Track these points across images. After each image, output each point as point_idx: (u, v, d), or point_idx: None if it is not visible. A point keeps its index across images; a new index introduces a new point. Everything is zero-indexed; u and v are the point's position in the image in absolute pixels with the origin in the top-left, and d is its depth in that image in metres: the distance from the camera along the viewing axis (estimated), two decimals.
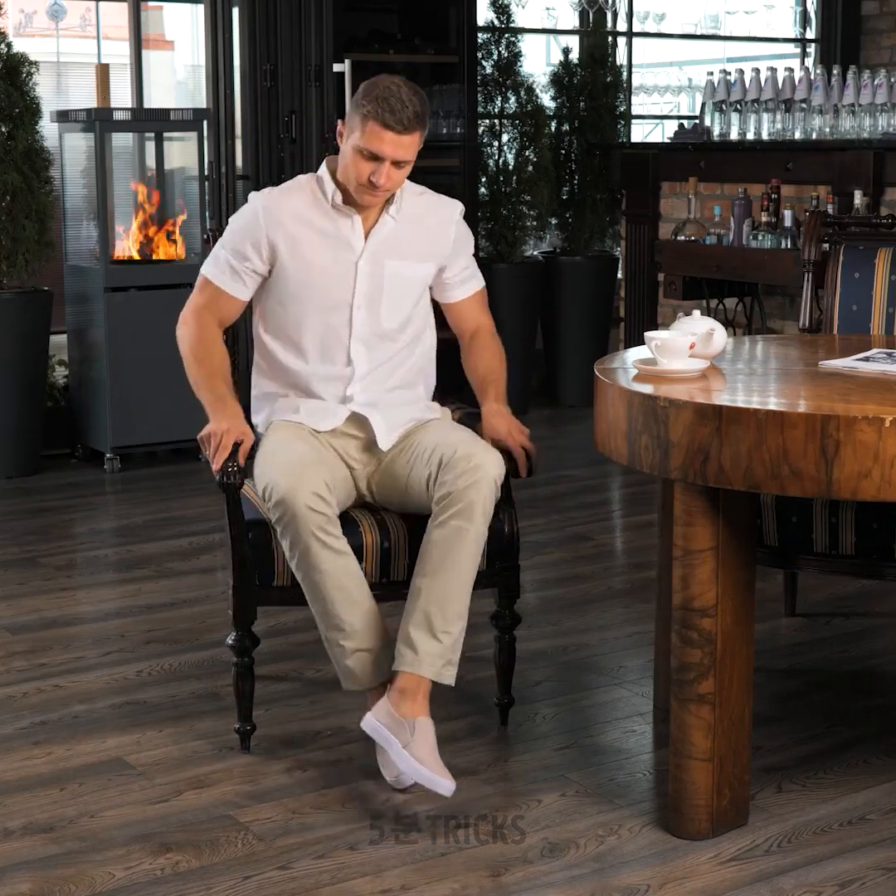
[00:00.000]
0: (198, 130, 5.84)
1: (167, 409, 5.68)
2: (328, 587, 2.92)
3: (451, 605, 2.92)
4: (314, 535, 2.89)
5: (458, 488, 2.92)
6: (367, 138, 2.99)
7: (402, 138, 3.01)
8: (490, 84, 6.80)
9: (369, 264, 3.13)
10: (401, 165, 3.03)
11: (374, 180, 3.01)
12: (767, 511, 3.06)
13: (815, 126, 5.86)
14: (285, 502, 2.89)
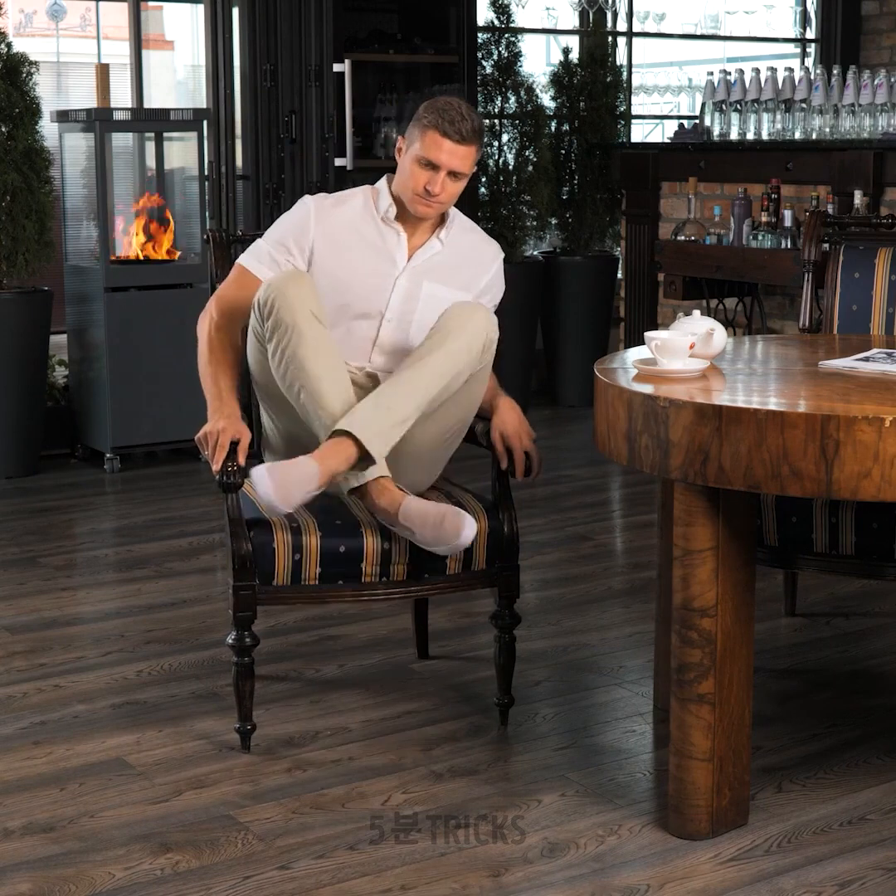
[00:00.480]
0: (198, 130, 5.84)
1: (167, 409, 5.68)
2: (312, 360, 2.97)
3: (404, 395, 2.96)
4: (303, 312, 2.95)
5: (451, 315, 3.00)
6: (426, 147, 3.09)
7: (459, 148, 3.09)
8: (490, 84, 6.80)
9: (408, 281, 3.20)
10: (456, 177, 3.12)
11: (429, 188, 3.10)
12: (767, 511, 3.06)
13: (815, 126, 5.86)
14: (273, 287, 2.97)
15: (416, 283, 3.20)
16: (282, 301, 2.96)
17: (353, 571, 3.06)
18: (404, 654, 3.71)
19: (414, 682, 3.52)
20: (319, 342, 2.98)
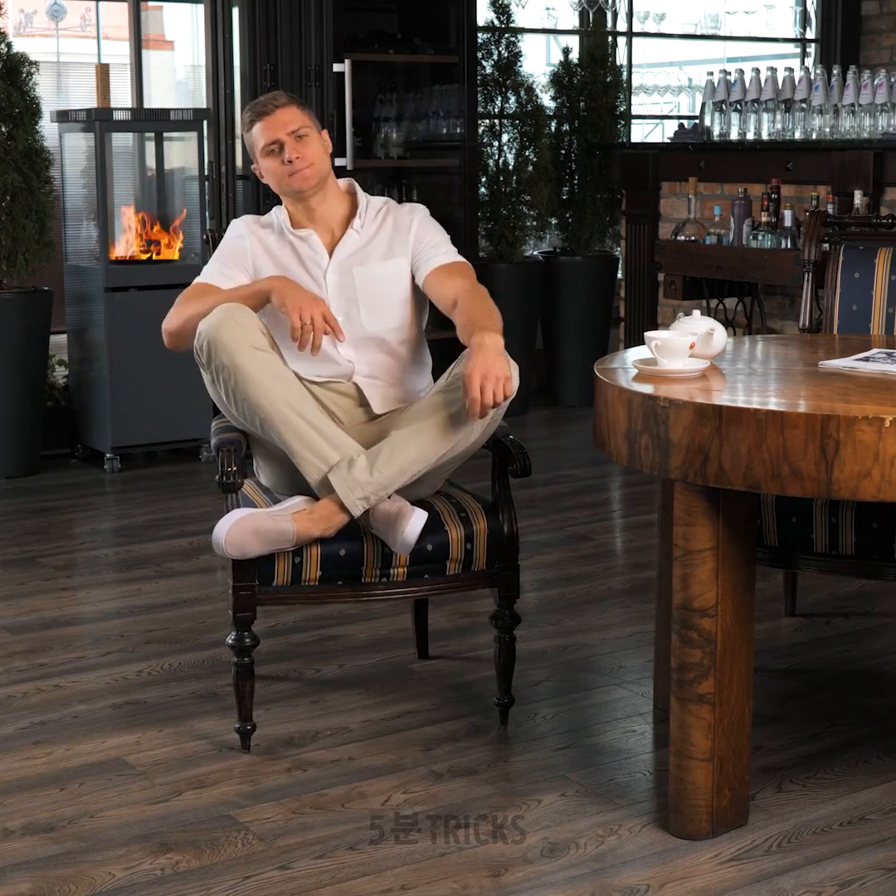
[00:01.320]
0: (198, 130, 5.84)
1: (167, 409, 5.68)
2: (266, 387, 2.97)
3: (400, 455, 2.96)
4: (242, 346, 2.95)
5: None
6: (259, 138, 3.21)
7: (277, 115, 3.19)
8: (490, 84, 6.80)
9: (337, 275, 3.23)
10: (299, 136, 3.18)
11: (287, 159, 3.17)
12: (767, 511, 3.06)
13: (815, 126, 5.86)
14: (207, 332, 2.98)
15: (345, 274, 3.22)
16: (216, 345, 2.98)
17: (353, 574, 3.05)
18: (404, 654, 3.71)
19: (414, 682, 3.52)
20: (265, 374, 2.99)
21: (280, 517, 2.94)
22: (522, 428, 6.42)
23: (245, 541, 2.91)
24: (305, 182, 3.20)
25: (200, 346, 3.01)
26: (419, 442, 2.98)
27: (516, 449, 3.15)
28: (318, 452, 2.99)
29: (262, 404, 2.99)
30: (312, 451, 3.00)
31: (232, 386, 2.99)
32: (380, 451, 2.98)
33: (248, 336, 2.99)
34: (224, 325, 2.98)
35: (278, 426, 2.99)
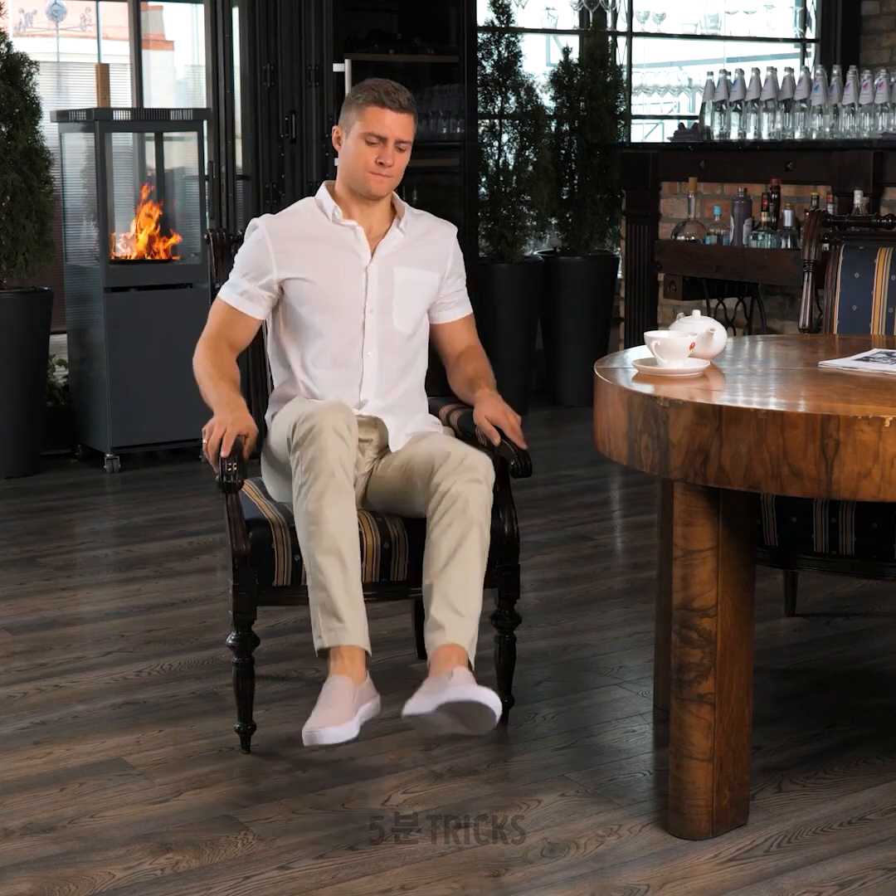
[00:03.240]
0: (198, 130, 5.84)
1: (167, 409, 5.68)
2: (330, 519, 2.89)
3: (464, 591, 2.91)
4: (332, 467, 2.89)
5: (452, 489, 2.94)
6: (369, 123, 3.16)
7: (400, 117, 3.19)
8: (490, 84, 6.80)
9: (379, 271, 3.23)
10: (401, 148, 3.20)
11: (382, 161, 3.16)
12: (767, 511, 3.06)
13: (815, 126, 5.86)
14: (314, 418, 2.92)
15: (387, 269, 3.23)
16: (318, 452, 2.90)
17: None
18: (404, 654, 3.71)
19: (414, 682, 3.51)
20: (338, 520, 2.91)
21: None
22: (522, 428, 6.40)
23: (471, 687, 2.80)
24: (381, 188, 3.20)
25: (306, 418, 2.94)
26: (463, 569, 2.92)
27: (517, 449, 3.15)
28: (332, 615, 2.91)
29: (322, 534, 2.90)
30: (327, 613, 2.92)
31: (306, 489, 2.91)
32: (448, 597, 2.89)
33: (345, 456, 2.93)
34: (331, 439, 2.91)
35: (320, 567, 2.91)
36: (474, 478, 2.96)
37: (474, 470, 2.96)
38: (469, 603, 2.90)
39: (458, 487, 2.94)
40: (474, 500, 2.94)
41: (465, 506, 2.93)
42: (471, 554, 2.92)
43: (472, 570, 2.92)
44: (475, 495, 2.94)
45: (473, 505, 2.94)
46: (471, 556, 2.92)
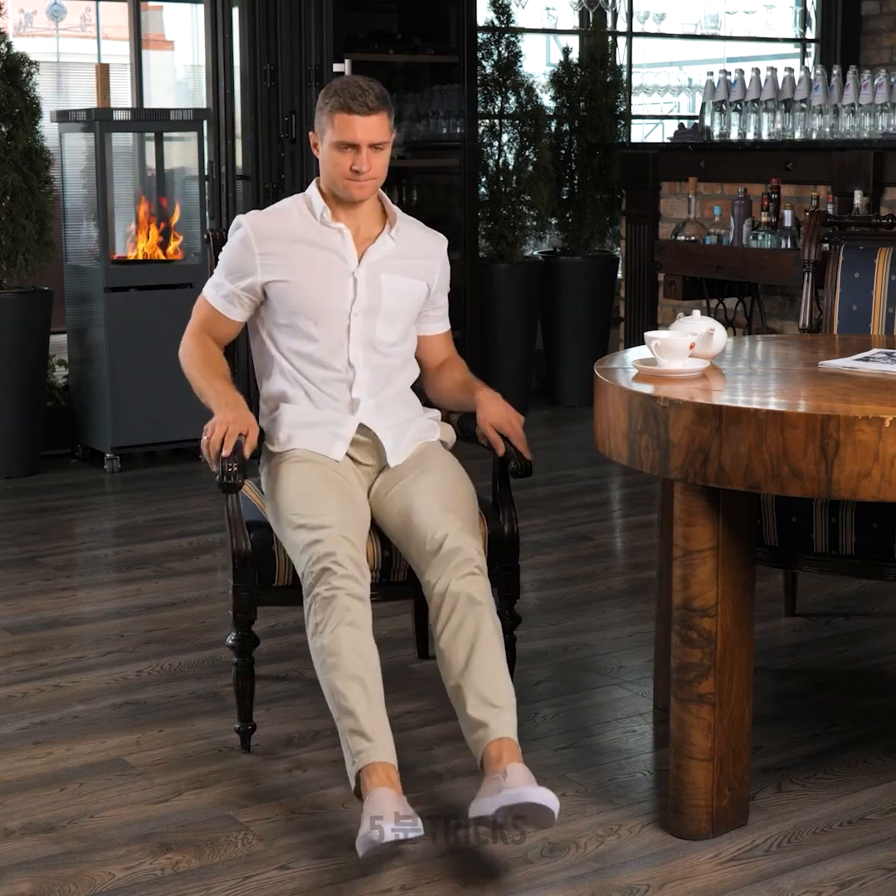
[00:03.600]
0: (198, 130, 5.84)
1: (167, 409, 5.68)
2: (347, 654, 2.81)
3: (495, 682, 2.81)
4: (345, 608, 2.81)
5: (451, 588, 2.85)
6: (338, 131, 3.06)
7: (369, 119, 3.05)
8: (490, 84, 6.80)
9: (367, 276, 3.17)
10: (378, 149, 3.08)
11: (357, 168, 3.06)
12: (767, 511, 3.06)
13: (815, 126, 5.86)
14: (326, 558, 2.83)
15: (375, 276, 3.17)
16: (330, 594, 2.83)
17: None
18: (404, 654, 3.71)
19: (414, 682, 3.52)
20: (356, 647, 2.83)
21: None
22: (523, 428, 6.41)
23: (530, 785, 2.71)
24: (362, 193, 3.12)
25: (315, 574, 2.87)
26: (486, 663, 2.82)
27: (517, 449, 3.15)
28: (361, 736, 2.76)
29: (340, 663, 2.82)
30: (356, 736, 2.76)
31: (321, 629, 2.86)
32: (480, 693, 2.77)
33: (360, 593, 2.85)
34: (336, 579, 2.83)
35: (343, 694, 2.80)
36: (468, 572, 2.87)
37: (468, 563, 2.87)
38: (502, 693, 2.79)
39: (455, 586, 2.85)
40: (475, 591, 2.85)
41: (467, 600, 2.84)
42: (489, 642, 2.82)
43: (494, 658, 2.82)
44: (474, 587, 2.86)
45: (476, 596, 2.85)
46: (491, 645, 2.83)
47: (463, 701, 2.78)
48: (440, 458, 3.16)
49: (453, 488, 3.07)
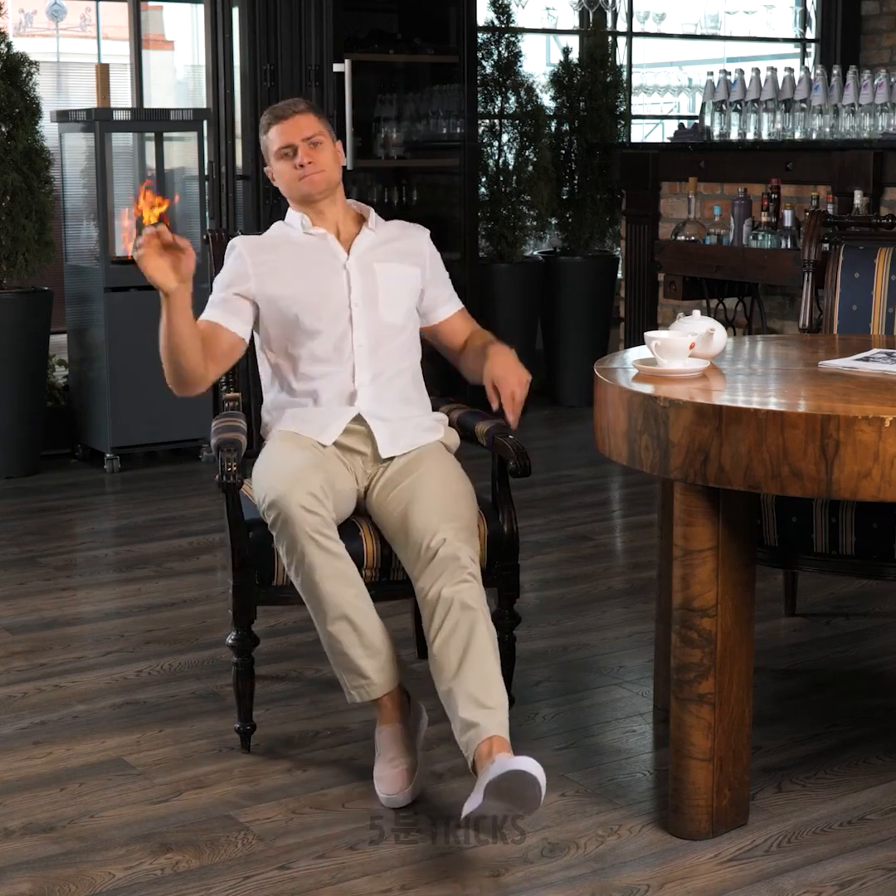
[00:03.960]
0: (198, 130, 5.84)
1: (167, 409, 5.67)
2: (327, 590, 2.90)
3: (486, 684, 2.80)
4: (310, 537, 2.88)
5: (443, 594, 2.85)
6: (274, 141, 3.26)
7: (296, 120, 3.24)
8: (490, 84, 6.80)
9: (358, 266, 3.25)
10: (314, 143, 3.23)
11: (298, 163, 3.22)
12: (767, 511, 3.06)
13: (815, 126, 5.86)
14: (279, 504, 2.90)
15: (367, 265, 3.25)
16: (290, 537, 2.89)
17: None
18: (404, 654, 3.69)
19: (414, 682, 3.52)
20: (332, 576, 2.90)
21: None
22: (522, 428, 6.36)
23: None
24: (314, 186, 3.23)
25: (269, 506, 2.92)
26: (479, 667, 2.82)
27: (516, 449, 3.15)
28: (355, 674, 2.93)
29: (323, 593, 2.90)
30: (350, 672, 2.93)
31: (294, 564, 2.92)
32: (472, 694, 2.79)
33: (313, 515, 2.90)
34: (293, 496, 2.88)
35: (332, 635, 2.92)
36: (461, 579, 2.86)
37: (461, 570, 2.87)
38: (493, 694, 2.78)
39: (448, 592, 2.85)
40: (468, 597, 2.85)
41: (460, 606, 2.83)
42: (482, 646, 2.82)
43: (487, 661, 2.82)
44: (467, 593, 2.85)
45: (469, 601, 2.84)
46: (484, 648, 2.82)
47: (455, 704, 2.79)
48: (441, 459, 3.16)
49: (453, 492, 3.06)
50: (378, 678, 2.94)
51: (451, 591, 2.85)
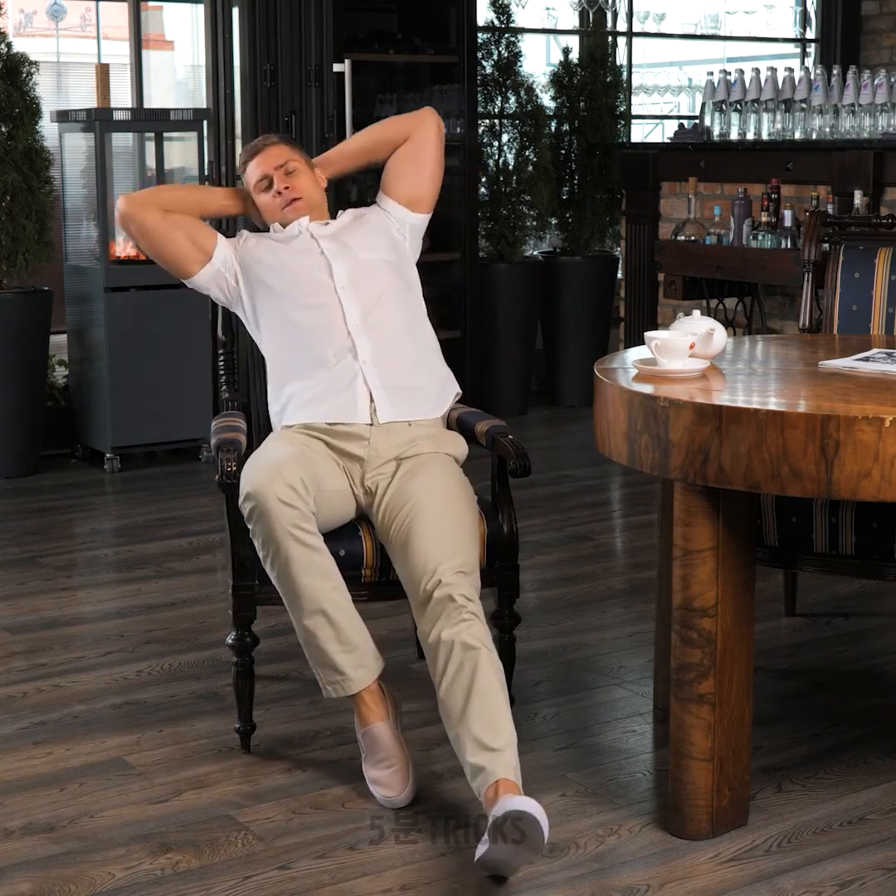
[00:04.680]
0: (198, 130, 5.84)
1: (167, 409, 5.68)
2: (304, 583, 2.89)
3: (491, 725, 2.76)
4: (286, 530, 2.88)
5: (443, 636, 2.83)
6: (252, 176, 3.36)
7: (269, 151, 3.34)
8: (490, 84, 6.80)
9: (334, 250, 3.29)
10: (289, 171, 3.32)
11: (276, 191, 3.31)
12: (767, 511, 3.06)
13: (815, 126, 5.86)
14: (255, 496, 2.89)
15: (342, 245, 3.29)
16: (267, 529, 2.90)
17: (353, 574, 3.04)
18: (404, 654, 3.71)
19: (414, 682, 3.52)
20: (308, 572, 2.91)
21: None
22: (522, 428, 6.42)
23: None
24: (297, 214, 3.31)
25: (245, 497, 2.93)
26: (485, 707, 2.78)
27: (516, 449, 3.14)
28: (331, 669, 2.94)
29: (300, 588, 2.91)
30: (325, 667, 2.94)
31: (270, 558, 2.93)
32: (478, 738, 2.74)
33: (290, 509, 2.89)
34: (270, 489, 2.88)
35: (307, 629, 2.93)
36: (460, 619, 2.83)
37: (459, 609, 2.83)
38: (499, 734, 2.74)
39: (447, 634, 2.82)
40: (468, 636, 2.81)
41: (461, 646, 2.80)
42: (487, 684, 2.78)
43: (492, 699, 2.77)
44: (466, 632, 2.82)
45: (469, 640, 2.81)
46: (487, 686, 2.78)
47: (463, 749, 2.75)
48: (443, 476, 3.09)
49: (453, 520, 2.99)
50: (354, 674, 2.93)
51: (450, 632, 2.82)
